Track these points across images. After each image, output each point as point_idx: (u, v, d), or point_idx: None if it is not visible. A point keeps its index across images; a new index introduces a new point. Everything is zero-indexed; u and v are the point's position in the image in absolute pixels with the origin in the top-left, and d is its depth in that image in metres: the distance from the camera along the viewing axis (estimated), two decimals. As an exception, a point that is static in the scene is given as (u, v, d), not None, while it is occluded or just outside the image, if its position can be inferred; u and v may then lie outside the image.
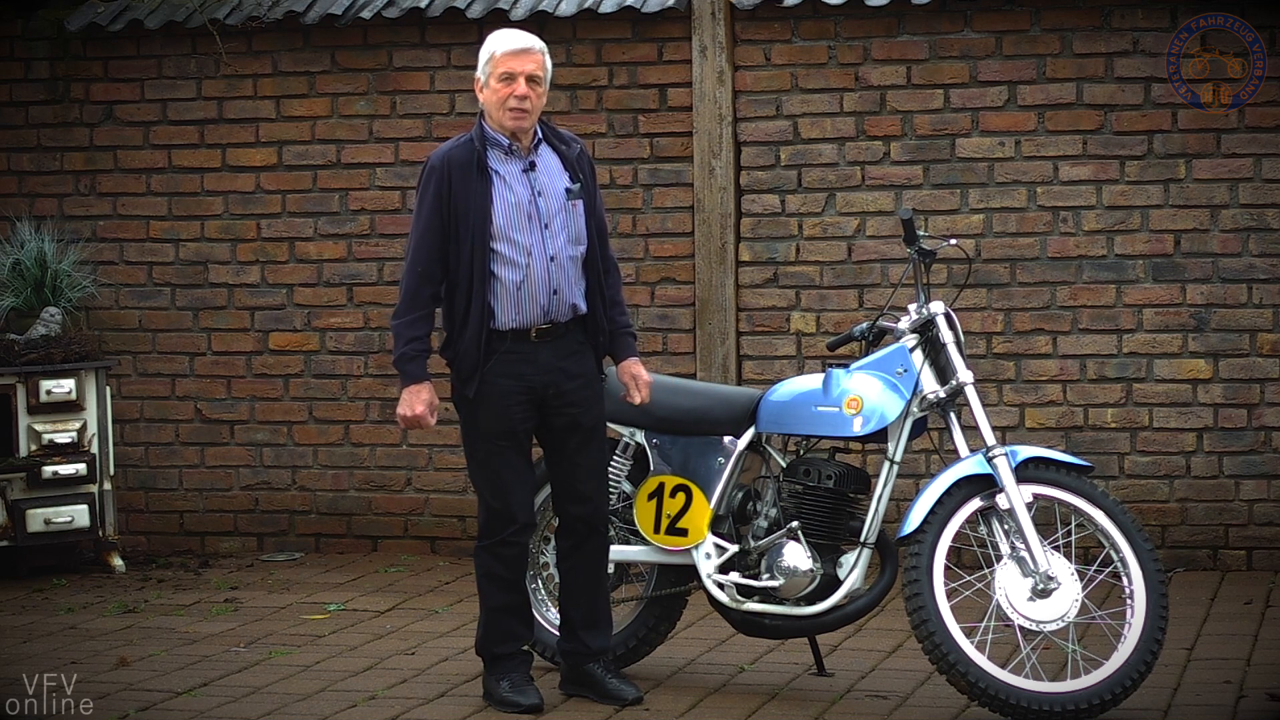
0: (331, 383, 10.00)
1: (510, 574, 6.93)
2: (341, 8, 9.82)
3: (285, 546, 10.06)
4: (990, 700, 6.56)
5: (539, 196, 6.83)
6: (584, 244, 6.91)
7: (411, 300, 6.80)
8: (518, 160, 6.84)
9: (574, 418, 6.92)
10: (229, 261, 10.08)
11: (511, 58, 6.79)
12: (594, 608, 7.06)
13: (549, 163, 6.90)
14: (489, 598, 6.97)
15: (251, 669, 7.61)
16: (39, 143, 10.23)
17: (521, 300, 6.79)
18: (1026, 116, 9.23)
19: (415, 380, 6.83)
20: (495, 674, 6.95)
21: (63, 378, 9.51)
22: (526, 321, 6.82)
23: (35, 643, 8.13)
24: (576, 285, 6.89)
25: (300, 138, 9.97)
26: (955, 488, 6.75)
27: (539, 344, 6.84)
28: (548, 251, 6.81)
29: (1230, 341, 9.09)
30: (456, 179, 6.76)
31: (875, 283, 9.39)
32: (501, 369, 6.81)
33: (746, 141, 9.50)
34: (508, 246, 6.77)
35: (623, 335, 7.06)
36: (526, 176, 6.83)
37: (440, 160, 6.81)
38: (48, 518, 9.47)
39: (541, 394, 6.86)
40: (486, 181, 6.77)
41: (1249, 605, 8.37)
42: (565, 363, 6.89)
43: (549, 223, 6.83)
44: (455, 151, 6.82)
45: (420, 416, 6.84)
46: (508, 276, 6.78)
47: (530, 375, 6.83)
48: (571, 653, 7.06)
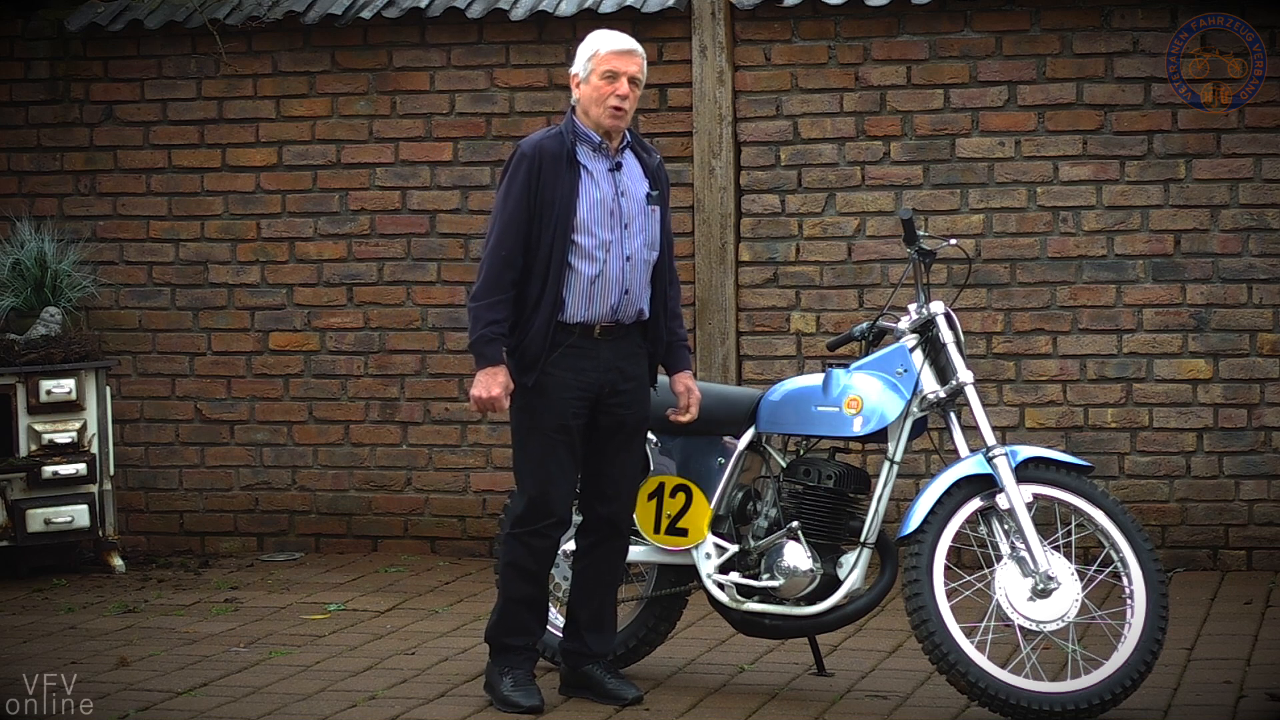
0: (331, 383, 10.00)
1: (536, 566, 6.93)
2: (341, 8, 9.82)
3: (285, 546, 10.06)
4: (990, 700, 6.56)
5: (621, 196, 6.88)
6: (657, 250, 6.97)
7: (494, 284, 6.80)
8: (605, 158, 6.90)
9: (622, 418, 6.94)
10: (229, 261, 10.08)
11: (617, 57, 6.87)
12: (602, 609, 7.06)
13: (632, 166, 6.97)
14: (511, 588, 6.96)
15: (251, 669, 7.61)
16: (39, 143, 10.23)
17: (594, 295, 6.83)
18: (1026, 116, 9.23)
19: (492, 362, 6.81)
20: (500, 666, 6.95)
21: (63, 378, 9.51)
22: (595, 317, 6.85)
23: (35, 643, 8.13)
24: (645, 289, 6.94)
25: (300, 138, 9.97)
26: (955, 488, 6.75)
27: (601, 342, 6.88)
28: (625, 251, 6.86)
29: (1230, 341, 9.09)
30: (547, 168, 6.80)
31: (875, 283, 9.39)
32: (563, 362, 6.84)
33: (746, 141, 9.50)
34: (588, 240, 6.82)
35: (680, 347, 7.11)
36: (612, 175, 6.89)
37: (532, 149, 6.84)
38: (48, 518, 9.47)
39: (597, 392, 6.88)
40: (575, 174, 6.83)
41: (1249, 605, 8.37)
42: (624, 363, 6.92)
43: (629, 223, 6.88)
44: (547, 142, 6.86)
45: (496, 398, 6.81)
46: (584, 270, 6.82)
47: (589, 371, 6.86)
48: (572, 653, 7.06)
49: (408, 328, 9.86)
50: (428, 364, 9.86)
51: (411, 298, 9.85)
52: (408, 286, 9.88)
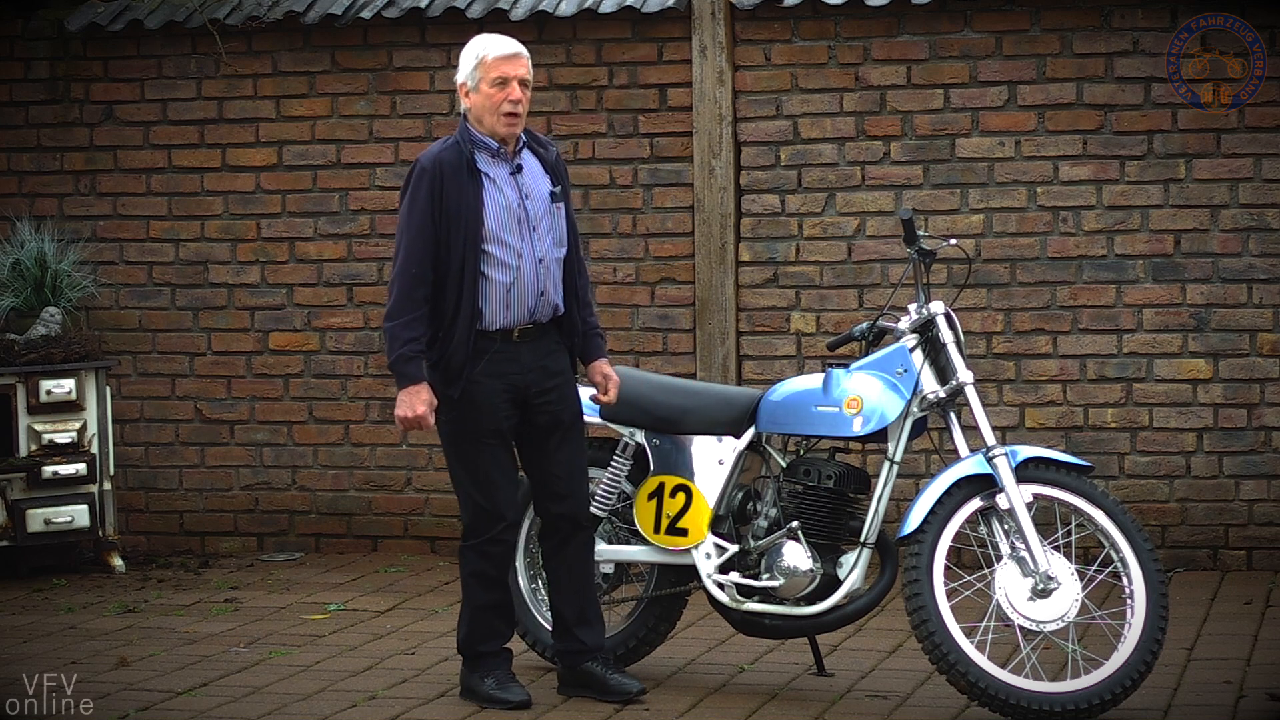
0: (331, 383, 10.00)
1: (497, 572, 6.97)
2: (341, 8, 9.82)
3: (285, 546, 10.06)
4: (990, 700, 6.56)
5: (526, 199, 6.87)
6: (565, 246, 6.98)
7: (406, 301, 6.79)
8: (504, 163, 6.87)
9: (555, 415, 6.96)
10: (229, 261, 10.08)
11: (504, 62, 6.82)
12: (585, 604, 7.08)
13: (532, 166, 6.95)
14: (475, 596, 7.00)
15: (251, 669, 7.61)
16: (39, 143, 10.23)
17: (511, 301, 6.84)
18: (1026, 116, 9.23)
19: (414, 381, 6.83)
20: (479, 672, 6.99)
21: (63, 378, 9.51)
22: (513, 322, 6.87)
23: (35, 643, 8.13)
24: (559, 286, 6.95)
25: (300, 138, 9.97)
26: (955, 488, 6.75)
27: (520, 344, 6.89)
28: (536, 254, 6.86)
29: (1230, 341, 9.09)
30: (449, 181, 6.77)
31: (875, 283, 9.39)
32: (487, 369, 6.85)
33: (746, 141, 9.50)
34: (499, 249, 6.81)
35: (593, 336, 7.11)
36: (515, 179, 6.87)
37: (431, 162, 6.80)
38: (48, 518, 9.47)
39: (524, 393, 6.90)
40: (477, 184, 6.80)
41: (1249, 605, 8.37)
42: (545, 361, 6.95)
43: (536, 225, 6.88)
44: (444, 154, 6.82)
45: (421, 417, 6.83)
46: (499, 278, 6.81)
47: (513, 374, 6.88)
48: (567, 652, 7.07)
49: (408, 328, 9.84)
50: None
51: (411, 298, 9.84)
52: (408, 286, 9.86)
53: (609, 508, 7.36)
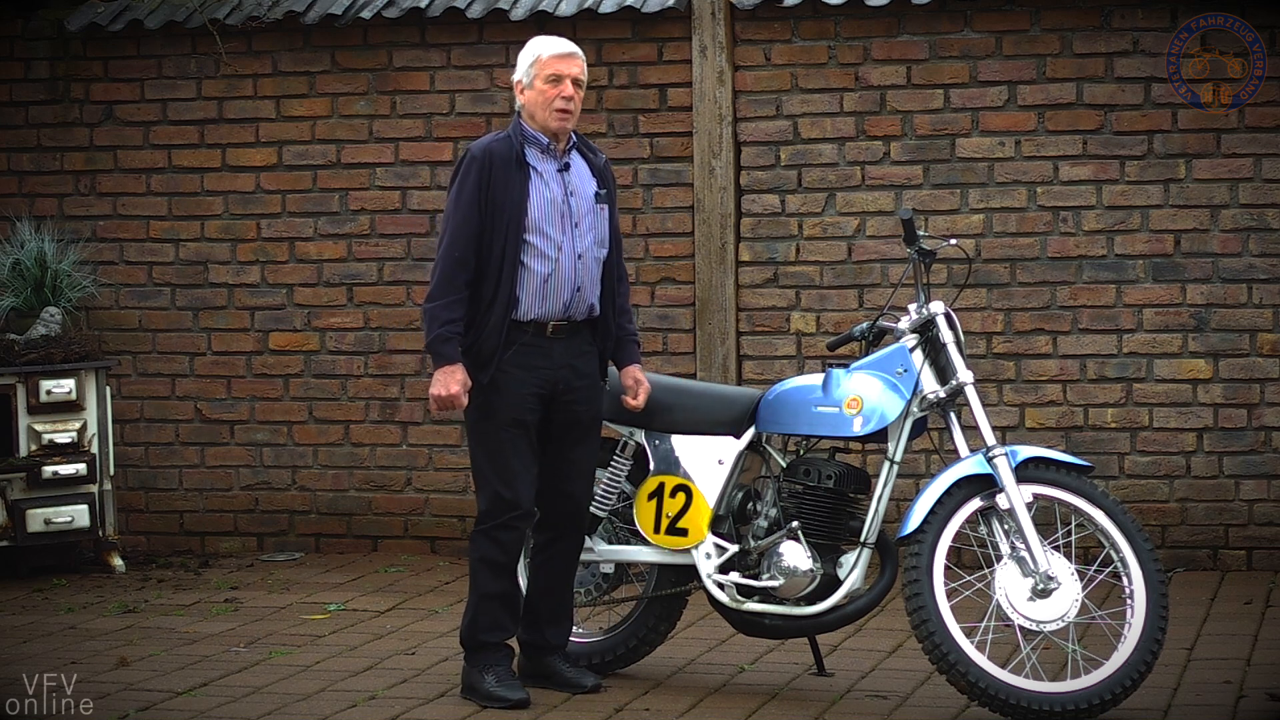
0: (331, 383, 10.00)
1: (507, 559, 7.01)
2: (341, 8, 9.82)
3: (285, 546, 10.06)
4: (990, 700, 6.56)
5: (571, 196, 7.00)
6: (606, 247, 7.10)
7: (447, 284, 6.90)
8: (553, 159, 7.01)
9: (577, 414, 7.05)
10: (229, 261, 10.08)
11: (559, 60, 6.97)
12: (561, 603, 7.18)
13: (580, 167, 7.09)
14: (483, 584, 7.03)
15: (251, 669, 7.61)
16: (39, 143, 10.23)
17: (547, 293, 6.94)
18: (1026, 116, 9.24)
19: (450, 361, 6.90)
20: (478, 665, 7.02)
21: (63, 378, 9.51)
22: (548, 314, 6.96)
23: (35, 643, 8.13)
24: (596, 286, 7.05)
25: (300, 138, 9.98)
26: (955, 488, 6.75)
27: (554, 340, 6.99)
28: (576, 249, 6.97)
29: (1230, 341, 9.09)
30: (497, 170, 6.91)
31: (875, 283, 9.39)
32: (517, 360, 6.94)
33: (746, 141, 9.50)
34: (540, 239, 6.93)
35: (629, 342, 7.23)
36: (561, 176, 7.00)
37: (481, 151, 6.95)
38: (48, 518, 9.47)
39: (551, 389, 6.98)
40: (525, 175, 6.94)
41: (1249, 605, 8.37)
42: (576, 361, 7.04)
43: (579, 222, 6.99)
44: (495, 145, 6.97)
45: (455, 395, 6.89)
46: (537, 268, 6.92)
47: (543, 369, 6.96)
48: (531, 644, 7.18)
49: (408, 328, 9.85)
50: (428, 364, 9.81)
51: (411, 298, 9.85)
52: (408, 286, 9.88)
53: (609, 508, 7.37)
